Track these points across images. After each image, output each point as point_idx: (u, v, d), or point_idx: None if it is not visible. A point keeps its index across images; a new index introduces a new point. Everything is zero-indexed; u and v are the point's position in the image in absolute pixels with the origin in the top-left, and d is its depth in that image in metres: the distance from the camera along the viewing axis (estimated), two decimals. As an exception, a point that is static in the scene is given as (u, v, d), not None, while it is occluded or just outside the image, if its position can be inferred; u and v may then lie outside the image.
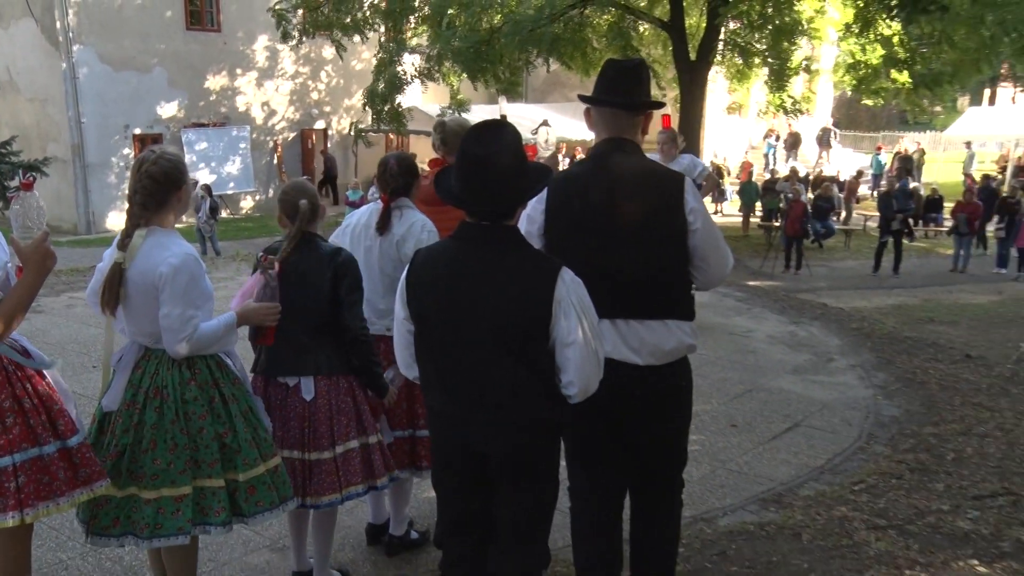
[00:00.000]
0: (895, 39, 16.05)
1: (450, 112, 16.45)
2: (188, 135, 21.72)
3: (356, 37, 17.84)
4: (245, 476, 3.04)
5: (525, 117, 23.09)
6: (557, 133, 24.01)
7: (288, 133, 24.27)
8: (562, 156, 23.84)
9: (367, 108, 18.79)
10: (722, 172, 23.87)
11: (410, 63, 18.21)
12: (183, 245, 2.99)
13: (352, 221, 3.89)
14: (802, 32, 16.98)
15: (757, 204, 20.69)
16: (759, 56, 17.49)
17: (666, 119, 8.73)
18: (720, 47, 17.48)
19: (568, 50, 16.84)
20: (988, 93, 44.47)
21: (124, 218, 3.04)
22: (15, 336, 2.76)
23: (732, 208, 23.07)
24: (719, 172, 22.84)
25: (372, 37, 18.53)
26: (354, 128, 19.73)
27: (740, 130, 31.59)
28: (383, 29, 17.92)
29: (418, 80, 18.25)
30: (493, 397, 2.60)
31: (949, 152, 33.01)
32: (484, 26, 16.01)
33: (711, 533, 4.29)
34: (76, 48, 19.56)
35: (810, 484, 5.02)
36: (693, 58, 16.55)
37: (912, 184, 21.08)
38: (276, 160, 23.91)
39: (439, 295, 2.63)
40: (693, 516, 4.40)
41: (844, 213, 21.37)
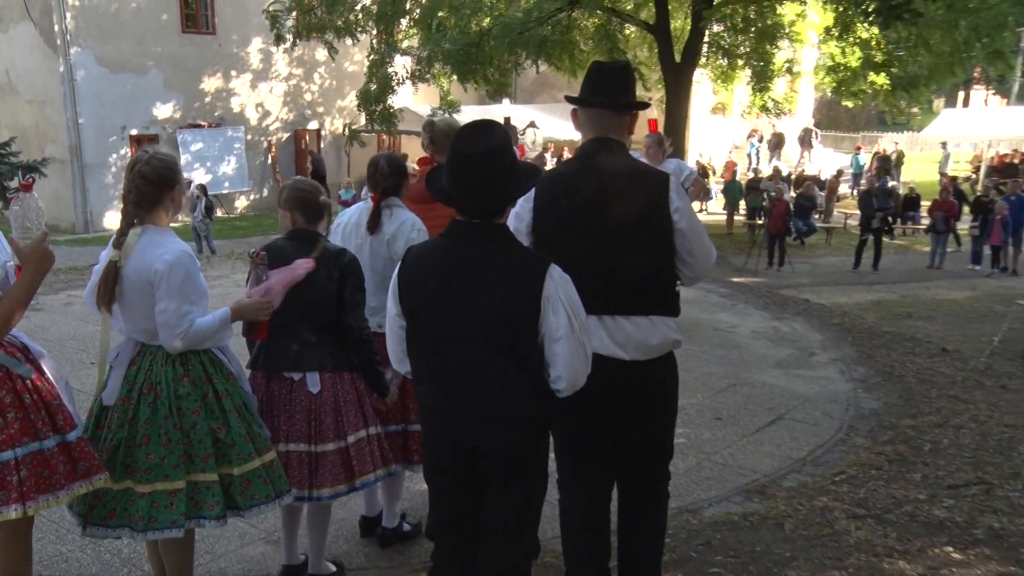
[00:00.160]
0: (873, 43, 16.10)
1: (440, 113, 16.42)
2: (184, 136, 21.64)
3: (348, 39, 17.78)
4: (240, 470, 3.03)
5: (514, 118, 23.07)
6: (545, 133, 24.01)
7: (282, 134, 24.18)
8: (550, 156, 23.83)
9: (360, 109, 18.74)
10: (707, 172, 23.92)
11: (401, 65, 18.16)
12: (177, 243, 2.99)
13: (343, 220, 3.88)
14: (784, 35, 17.02)
15: (741, 202, 20.73)
16: (742, 58, 17.52)
17: (652, 123, 8.65)
18: (704, 49, 17.49)
19: (556, 52, 16.82)
20: (962, 95, 44.67)
21: (120, 218, 3.03)
22: (15, 332, 2.77)
23: (716, 206, 23.13)
24: (704, 172, 22.89)
25: (364, 39, 18.47)
26: (348, 129, 19.68)
27: (724, 130, 31.64)
28: (375, 31, 17.85)
29: (409, 81, 18.21)
30: (484, 393, 2.59)
31: (926, 152, 33.19)
32: (474, 29, 15.96)
33: (696, 524, 4.31)
34: (74, 51, 19.46)
35: (792, 475, 5.04)
36: (678, 60, 16.56)
37: (891, 183, 21.16)
38: (270, 160, 23.83)
39: (430, 292, 2.62)
40: (679, 507, 4.41)
41: (825, 211, 21.46)
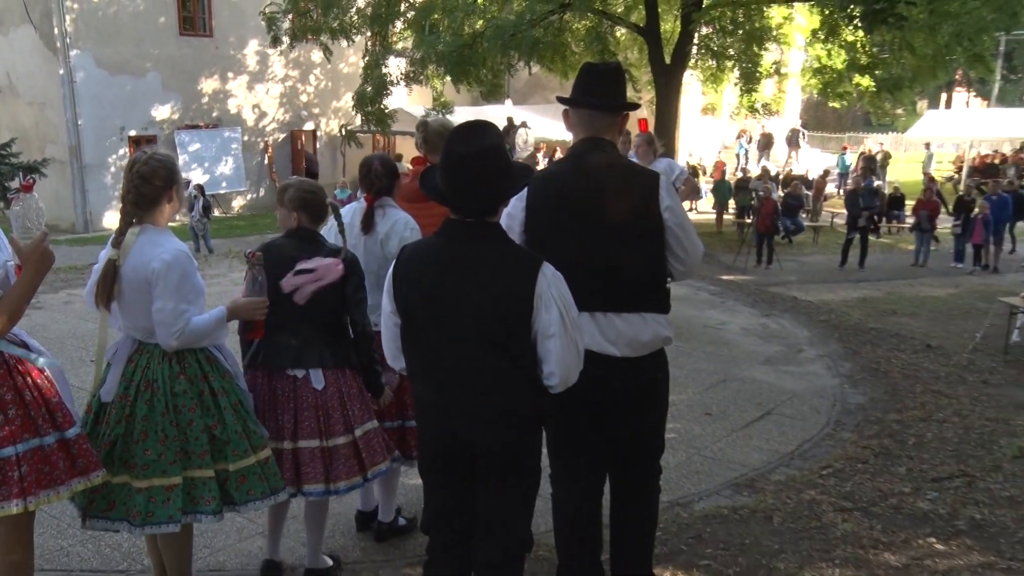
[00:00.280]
0: (858, 45, 16.14)
1: (434, 113, 16.39)
2: (182, 137, 21.59)
3: (343, 41, 17.74)
4: (235, 466, 3.03)
5: (507, 118, 23.01)
6: (537, 133, 23.96)
7: (278, 134, 24.14)
8: (542, 155, 23.80)
9: (355, 110, 18.71)
10: (697, 171, 23.93)
11: (396, 66, 18.13)
12: (175, 242, 2.98)
13: (334, 221, 3.87)
14: (771, 38, 17.03)
15: (730, 202, 20.76)
16: (731, 60, 17.54)
17: (643, 123, 8.61)
18: (694, 51, 17.49)
19: (548, 54, 16.80)
20: (945, 97, 44.81)
21: (119, 217, 3.02)
22: (15, 331, 2.76)
23: (706, 205, 23.14)
24: (695, 172, 22.89)
25: (359, 41, 18.44)
26: (345, 130, 19.66)
27: (713, 131, 31.65)
28: (369, 33, 17.81)
29: (403, 83, 18.17)
30: (478, 390, 2.59)
31: (910, 152, 33.25)
32: (467, 31, 15.94)
33: (687, 517, 4.31)
34: (73, 53, 19.44)
35: (781, 469, 5.05)
36: (668, 62, 16.55)
37: (876, 183, 21.22)
38: (267, 160, 23.80)
39: (425, 290, 2.61)
40: (670, 501, 4.41)
41: (813, 210, 21.49)
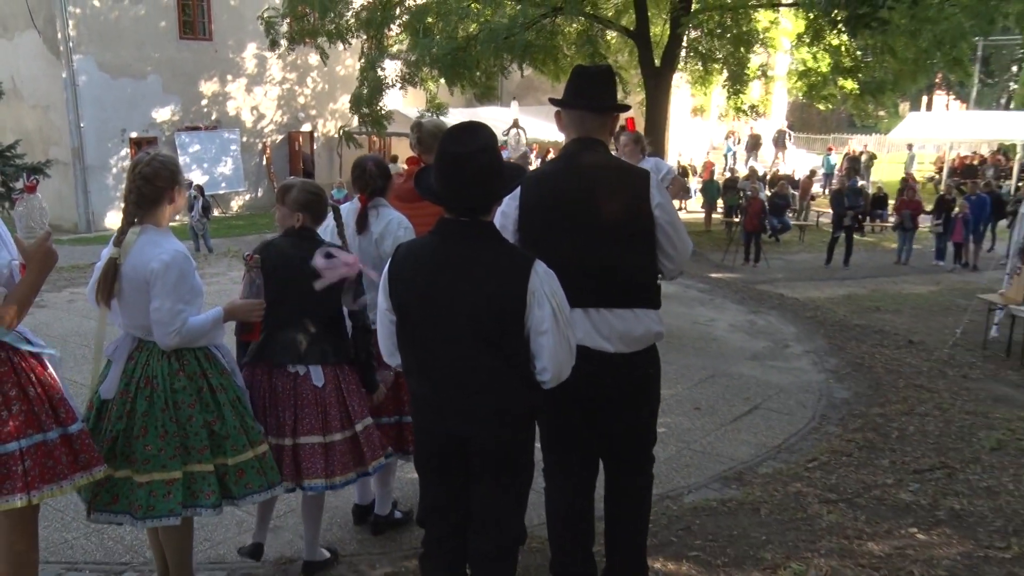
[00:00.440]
0: (842, 49, 16.16)
1: (428, 115, 16.35)
2: (182, 138, 21.57)
3: (340, 44, 17.70)
4: (234, 461, 3.03)
5: (500, 120, 23.00)
6: (530, 134, 23.95)
7: (276, 136, 24.11)
8: (535, 156, 23.79)
9: (352, 112, 18.68)
10: (688, 172, 23.96)
11: (391, 69, 18.09)
12: (175, 243, 2.97)
13: (331, 221, 3.86)
14: (758, 41, 17.04)
15: (718, 201, 20.78)
16: (719, 63, 17.54)
17: (630, 122, 8.53)
18: (683, 54, 17.48)
19: (540, 56, 16.76)
20: (926, 100, 44.93)
21: (121, 217, 3.01)
22: (19, 328, 2.75)
23: (695, 205, 23.18)
24: (685, 172, 22.92)
25: (355, 44, 18.40)
26: (343, 132, 19.64)
27: (702, 132, 31.69)
28: (365, 37, 17.76)
29: (398, 85, 18.15)
30: (472, 387, 2.58)
31: (892, 153, 33.33)
32: (461, 34, 15.89)
33: (676, 510, 4.31)
34: (76, 57, 19.44)
35: (768, 462, 5.06)
36: (657, 64, 16.54)
37: (861, 183, 21.27)
38: (265, 161, 23.77)
39: (419, 289, 2.60)
40: (660, 494, 4.40)
41: (799, 210, 21.53)
